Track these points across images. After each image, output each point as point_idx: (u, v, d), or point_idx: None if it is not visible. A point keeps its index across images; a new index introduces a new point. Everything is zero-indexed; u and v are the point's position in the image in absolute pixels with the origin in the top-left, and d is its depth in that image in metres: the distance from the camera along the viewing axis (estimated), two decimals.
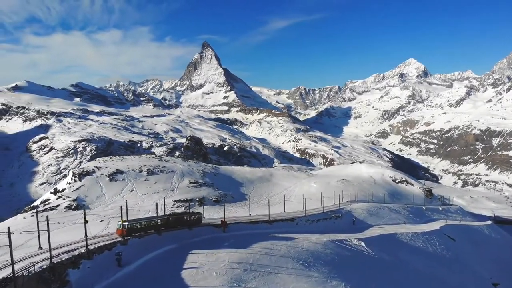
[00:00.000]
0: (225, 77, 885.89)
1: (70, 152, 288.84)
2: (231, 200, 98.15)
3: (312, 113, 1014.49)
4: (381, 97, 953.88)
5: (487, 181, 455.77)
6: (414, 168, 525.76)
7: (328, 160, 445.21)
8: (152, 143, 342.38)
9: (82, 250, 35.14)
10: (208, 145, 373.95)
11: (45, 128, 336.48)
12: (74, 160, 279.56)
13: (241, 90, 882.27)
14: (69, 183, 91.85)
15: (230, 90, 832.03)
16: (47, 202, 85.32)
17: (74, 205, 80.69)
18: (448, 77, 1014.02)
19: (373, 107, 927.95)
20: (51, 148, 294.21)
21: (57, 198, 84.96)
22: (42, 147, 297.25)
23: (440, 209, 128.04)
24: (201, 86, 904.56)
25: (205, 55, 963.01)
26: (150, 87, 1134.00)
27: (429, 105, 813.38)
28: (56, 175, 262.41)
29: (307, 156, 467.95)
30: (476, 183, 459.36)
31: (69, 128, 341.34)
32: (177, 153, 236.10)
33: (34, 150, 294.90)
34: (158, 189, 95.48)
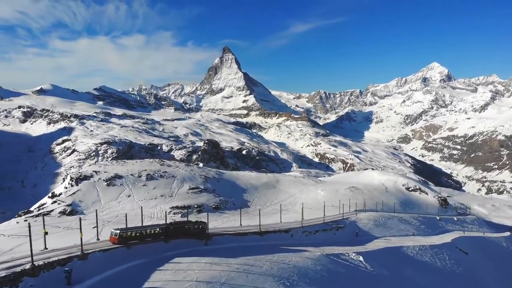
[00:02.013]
0: (245, 81, 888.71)
1: (92, 155, 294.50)
2: (232, 207, 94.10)
3: (332, 117, 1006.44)
4: (403, 101, 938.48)
5: (511, 188, 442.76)
6: (436, 174, 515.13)
7: (348, 165, 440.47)
8: (172, 146, 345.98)
9: (36, 264, 32.22)
10: (226, 149, 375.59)
11: (68, 130, 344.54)
12: (96, 162, 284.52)
13: (260, 94, 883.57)
14: (66, 188, 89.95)
15: (250, 94, 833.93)
16: (42, 207, 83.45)
17: (68, 210, 78.25)
18: (472, 81, 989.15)
19: (395, 111, 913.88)
20: (74, 150, 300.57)
21: (52, 203, 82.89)
22: (65, 149, 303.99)
23: (455, 219, 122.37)
24: (221, 90, 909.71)
25: (225, 60, 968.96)
26: (172, 91, 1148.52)
27: (452, 110, 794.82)
28: None
29: (327, 160, 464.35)
30: (501, 190, 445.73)
31: (92, 130, 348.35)
32: (194, 156, 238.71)
33: (57, 152, 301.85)
34: (156, 195, 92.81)
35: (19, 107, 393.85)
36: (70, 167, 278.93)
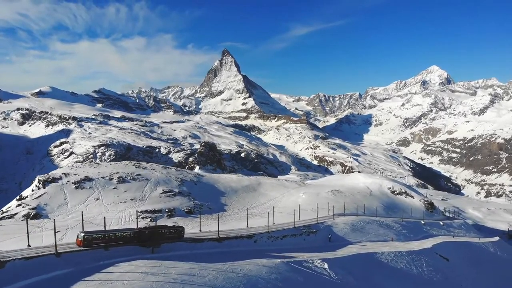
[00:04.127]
0: (244, 84, 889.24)
1: (90, 157, 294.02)
2: (206, 211, 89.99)
3: (331, 120, 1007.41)
4: (403, 104, 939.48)
5: (510, 191, 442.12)
6: (435, 177, 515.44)
7: (347, 168, 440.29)
8: (170, 148, 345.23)
9: None
10: (225, 151, 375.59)
11: (66, 132, 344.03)
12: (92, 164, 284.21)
13: (259, 96, 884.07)
14: (33, 190, 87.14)
15: (249, 97, 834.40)
16: (7, 210, 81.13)
17: (32, 214, 75.87)
18: (471, 84, 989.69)
19: (394, 114, 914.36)
20: (71, 153, 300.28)
21: (16, 206, 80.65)
22: (63, 152, 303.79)
23: (441, 223, 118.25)
24: (221, 92, 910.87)
25: (225, 62, 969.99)
26: (171, 94, 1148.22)
27: (451, 113, 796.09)
28: None
29: (325, 163, 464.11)
30: (500, 193, 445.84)
31: (90, 133, 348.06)
32: (191, 159, 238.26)
33: (54, 154, 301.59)
34: (126, 199, 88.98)
35: (18, 109, 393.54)
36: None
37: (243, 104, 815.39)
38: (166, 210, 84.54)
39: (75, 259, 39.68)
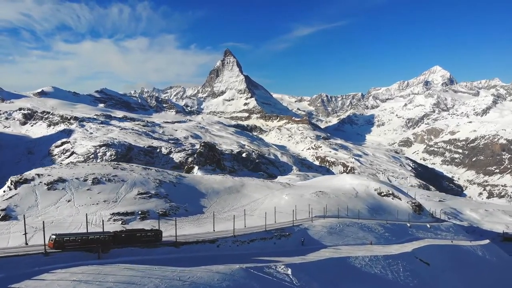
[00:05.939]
0: (246, 84, 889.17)
1: (91, 157, 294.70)
2: (183, 214, 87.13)
3: (334, 120, 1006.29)
4: (405, 105, 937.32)
5: None
6: (438, 178, 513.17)
7: (349, 168, 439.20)
8: (171, 148, 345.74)
9: None
10: (226, 151, 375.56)
11: (67, 132, 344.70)
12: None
13: (261, 97, 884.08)
14: (4, 191, 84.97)
15: (251, 97, 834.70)
16: None
17: (1, 215, 74.45)
18: (474, 85, 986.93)
19: (396, 115, 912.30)
20: (72, 153, 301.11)
21: None
22: (64, 152, 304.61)
23: (428, 226, 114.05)
24: (222, 93, 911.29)
25: (227, 63, 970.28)
26: (173, 94, 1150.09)
27: (454, 114, 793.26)
28: None
29: (327, 164, 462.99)
30: (502, 194, 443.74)
31: (91, 133, 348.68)
32: (190, 159, 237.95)
33: (56, 154, 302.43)
34: (98, 200, 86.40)
35: (20, 109, 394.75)
36: None
37: (245, 104, 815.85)
38: (139, 212, 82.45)
39: (9, 265, 37.21)
